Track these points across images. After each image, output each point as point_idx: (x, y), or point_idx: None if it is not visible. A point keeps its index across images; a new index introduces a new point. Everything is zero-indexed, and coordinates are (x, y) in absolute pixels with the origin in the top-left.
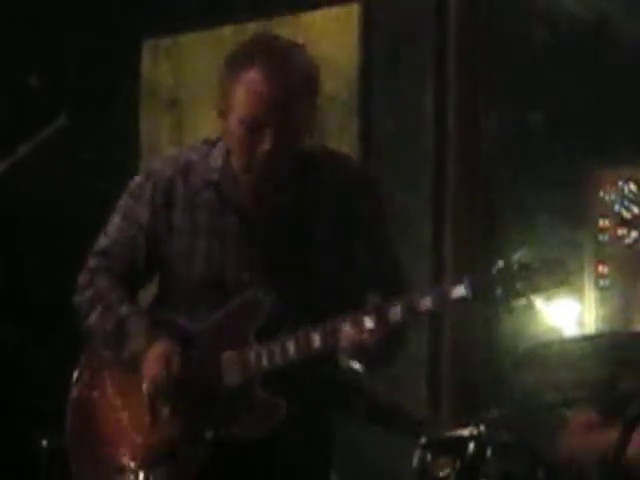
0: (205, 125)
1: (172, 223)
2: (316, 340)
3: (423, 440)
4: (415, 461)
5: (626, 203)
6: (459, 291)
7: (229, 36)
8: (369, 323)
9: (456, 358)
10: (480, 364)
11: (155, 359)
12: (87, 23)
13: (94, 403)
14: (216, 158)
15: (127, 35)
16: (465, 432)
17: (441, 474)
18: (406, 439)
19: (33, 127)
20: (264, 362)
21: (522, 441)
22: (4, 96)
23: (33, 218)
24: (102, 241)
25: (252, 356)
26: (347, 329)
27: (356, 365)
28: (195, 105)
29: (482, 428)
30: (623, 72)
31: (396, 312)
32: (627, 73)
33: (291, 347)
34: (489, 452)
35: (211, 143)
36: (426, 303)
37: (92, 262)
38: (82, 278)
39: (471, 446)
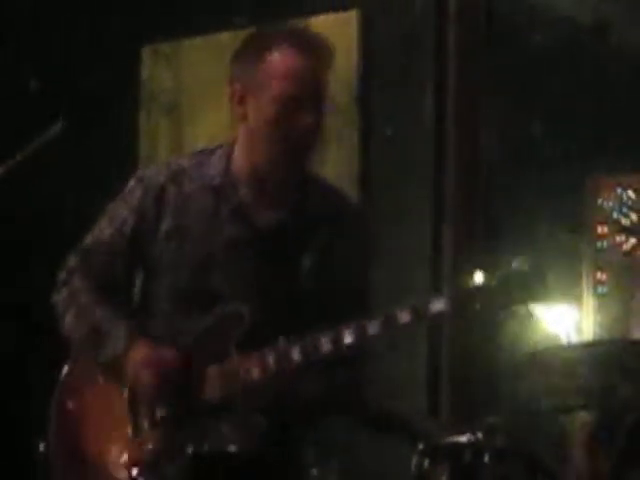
0: (205, 130)
1: (161, 229)
2: (296, 353)
3: (421, 446)
4: (413, 467)
5: (624, 210)
6: (437, 305)
7: (228, 42)
8: (348, 338)
9: (455, 364)
10: (479, 370)
11: (139, 361)
12: (87, 27)
13: (76, 413)
14: (215, 164)
15: (127, 40)
16: (463, 438)
17: None
18: (404, 445)
19: (32, 130)
20: (245, 376)
21: (520, 447)
22: (3, 99)
23: (30, 222)
24: (86, 240)
25: (232, 370)
26: (326, 344)
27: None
28: (195, 110)
29: (480, 434)
30: (622, 78)
31: (375, 326)
32: (626, 79)
33: (270, 360)
34: (487, 458)
35: (207, 152)
36: (404, 317)
37: (72, 261)
38: (60, 277)
39: (469, 452)
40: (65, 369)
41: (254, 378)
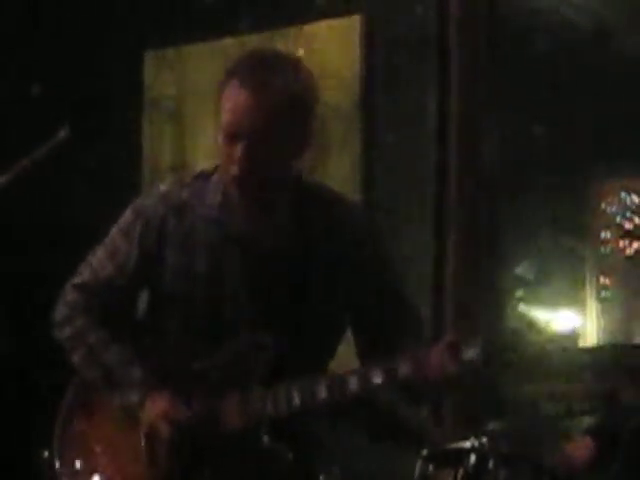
0: (208, 137)
1: (165, 262)
2: (322, 391)
3: (425, 452)
4: (417, 473)
5: (628, 214)
6: (471, 353)
7: (232, 48)
8: (377, 379)
9: None
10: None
11: (155, 416)
12: (90, 33)
13: (86, 436)
14: (213, 194)
15: (130, 46)
16: (467, 444)
17: None
18: (408, 450)
19: (34, 137)
20: (269, 409)
21: (524, 452)
22: (5, 105)
23: (33, 230)
24: (84, 274)
25: (255, 402)
26: (354, 384)
27: None
28: (198, 117)
29: (484, 440)
30: (624, 83)
31: (405, 369)
32: (628, 84)
33: (296, 396)
34: (491, 464)
35: (204, 177)
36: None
37: (70, 296)
38: (60, 313)
39: (473, 458)
40: (74, 380)
41: (279, 412)
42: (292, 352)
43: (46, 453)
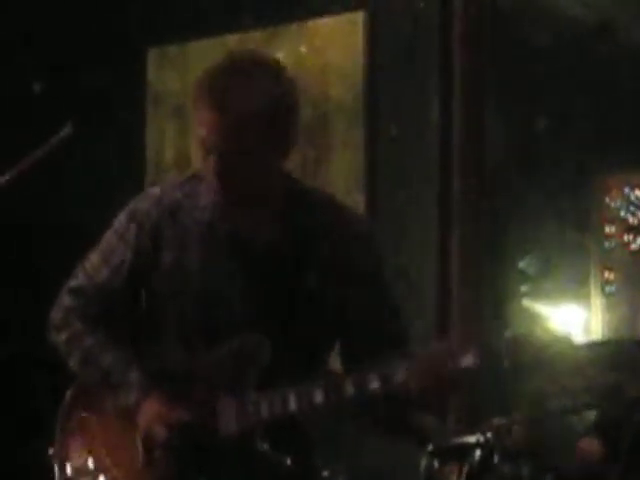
0: None
1: (160, 264)
2: (318, 396)
3: (430, 447)
4: (422, 468)
5: (632, 209)
6: (466, 360)
7: (235, 44)
8: (373, 385)
9: None
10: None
11: (151, 418)
12: (93, 30)
13: (85, 438)
14: (206, 195)
15: (133, 42)
16: (472, 439)
17: None
18: (413, 446)
19: (37, 134)
20: (264, 413)
21: (529, 447)
22: (7, 102)
23: (35, 228)
24: (79, 277)
25: (250, 406)
26: (350, 388)
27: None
28: None
29: (489, 435)
30: (628, 76)
31: (399, 375)
32: (632, 77)
33: (292, 400)
34: (496, 459)
35: (198, 178)
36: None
37: (66, 300)
38: (56, 317)
39: (478, 453)
40: (71, 390)
41: (275, 417)
42: (286, 352)
43: (50, 450)
